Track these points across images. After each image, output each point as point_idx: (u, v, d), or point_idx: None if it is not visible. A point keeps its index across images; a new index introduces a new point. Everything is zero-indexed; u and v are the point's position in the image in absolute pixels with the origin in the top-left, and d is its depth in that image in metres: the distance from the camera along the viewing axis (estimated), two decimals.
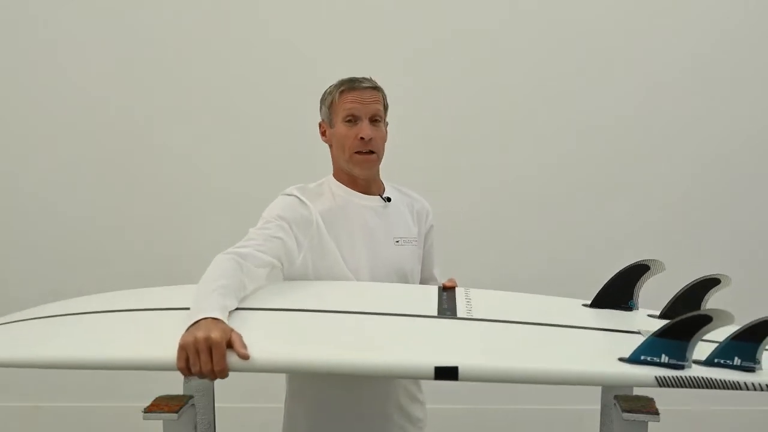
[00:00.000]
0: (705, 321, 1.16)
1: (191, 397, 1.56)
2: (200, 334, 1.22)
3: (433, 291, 1.63)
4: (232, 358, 1.22)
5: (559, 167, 2.94)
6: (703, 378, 1.16)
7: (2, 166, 2.96)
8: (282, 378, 1.76)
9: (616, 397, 1.51)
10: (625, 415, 1.42)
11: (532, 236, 2.95)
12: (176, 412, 1.48)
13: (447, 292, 1.62)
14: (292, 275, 1.64)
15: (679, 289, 1.51)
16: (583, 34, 2.89)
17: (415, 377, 1.26)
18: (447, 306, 1.51)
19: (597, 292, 1.60)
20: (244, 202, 2.88)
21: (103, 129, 2.93)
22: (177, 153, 2.94)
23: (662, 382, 1.16)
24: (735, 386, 1.16)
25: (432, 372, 1.19)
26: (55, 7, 2.88)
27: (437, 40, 2.90)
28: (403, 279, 1.72)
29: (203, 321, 1.25)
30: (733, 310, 1.49)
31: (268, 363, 1.25)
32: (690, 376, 1.16)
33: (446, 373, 1.19)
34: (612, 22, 2.89)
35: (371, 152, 1.66)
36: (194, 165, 2.95)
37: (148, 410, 1.49)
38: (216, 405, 1.67)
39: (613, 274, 1.60)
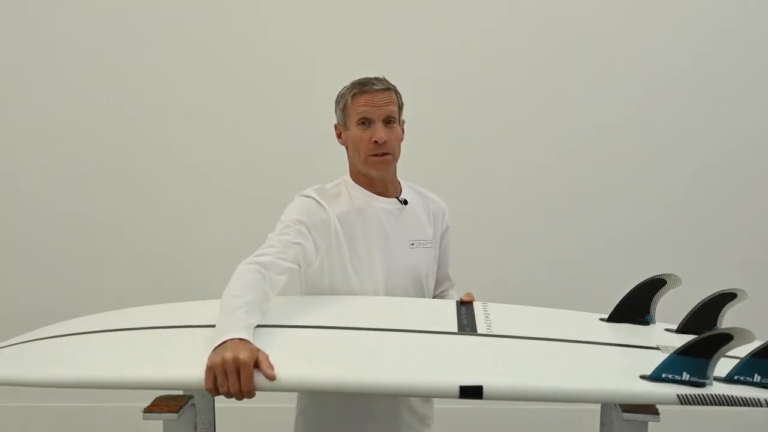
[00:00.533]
0: (726, 340, 1.17)
1: (191, 397, 1.56)
2: (228, 355, 1.23)
3: (451, 306, 1.64)
4: (259, 379, 1.24)
5: (559, 167, 2.94)
6: (724, 396, 1.18)
7: (2, 166, 2.95)
8: None
9: None
10: (625, 415, 1.42)
11: (533, 236, 2.96)
12: (176, 412, 1.49)
13: (465, 306, 1.63)
14: (308, 276, 1.67)
15: (695, 304, 1.52)
16: (583, 34, 2.89)
17: (439, 396, 1.27)
18: (467, 322, 1.52)
19: (614, 306, 1.61)
20: (244, 202, 2.90)
21: (103, 129, 2.92)
22: (177, 153, 2.94)
23: (684, 400, 1.18)
24: (756, 403, 1.17)
25: (457, 391, 1.21)
26: (55, 7, 2.87)
27: (437, 40, 2.90)
28: (418, 282, 1.74)
29: (230, 342, 1.27)
30: (732, 308, 1.50)
31: (294, 383, 1.27)
32: (711, 394, 1.18)
33: (471, 392, 1.20)
34: (612, 22, 2.89)
35: (386, 154, 1.66)
36: (194, 165, 2.94)
37: (148, 410, 1.50)
38: (216, 405, 1.68)
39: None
